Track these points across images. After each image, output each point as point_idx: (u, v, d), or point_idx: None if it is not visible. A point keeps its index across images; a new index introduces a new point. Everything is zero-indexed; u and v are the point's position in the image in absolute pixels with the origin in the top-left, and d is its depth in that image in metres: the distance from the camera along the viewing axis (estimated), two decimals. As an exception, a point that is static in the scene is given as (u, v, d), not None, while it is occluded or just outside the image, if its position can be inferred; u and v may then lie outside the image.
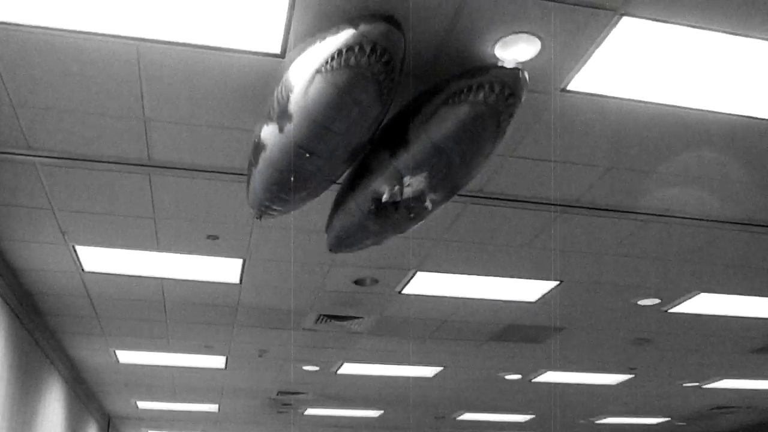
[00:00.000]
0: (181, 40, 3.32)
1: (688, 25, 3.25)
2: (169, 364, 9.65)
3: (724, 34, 3.31)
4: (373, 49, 2.80)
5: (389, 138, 3.41)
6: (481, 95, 3.11)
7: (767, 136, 4.21)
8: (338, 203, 3.83)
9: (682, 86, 3.72)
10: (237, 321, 7.68)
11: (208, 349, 8.89)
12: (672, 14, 3.18)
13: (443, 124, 3.18)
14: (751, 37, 3.33)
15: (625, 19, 3.21)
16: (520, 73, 3.13)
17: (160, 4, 3.08)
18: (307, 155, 3.20)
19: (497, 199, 4.91)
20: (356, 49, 2.80)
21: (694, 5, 3.12)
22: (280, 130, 3.17)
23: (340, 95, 2.91)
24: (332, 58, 2.84)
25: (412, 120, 3.29)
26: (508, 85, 3.11)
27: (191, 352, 9.03)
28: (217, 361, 9.48)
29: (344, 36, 2.80)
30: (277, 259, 5.91)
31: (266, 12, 3.13)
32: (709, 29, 3.28)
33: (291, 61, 3.11)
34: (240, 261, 5.94)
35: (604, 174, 4.62)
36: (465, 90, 3.13)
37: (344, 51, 2.81)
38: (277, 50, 3.38)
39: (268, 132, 3.28)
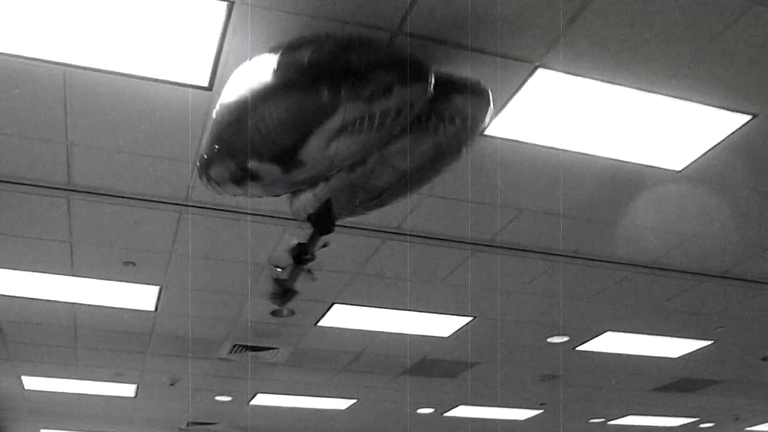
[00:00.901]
0: (108, 68, 3.34)
1: (598, 80, 3.45)
2: (78, 392, 9.42)
3: (632, 89, 3.52)
4: None
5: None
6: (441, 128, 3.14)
7: (672, 184, 4.46)
8: None
9: (592, 135, 3.92)
10: (150, 349, 7.59)
11: (119, 377, 8.73)
12: (584, 69, 3.37)
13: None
14: (655, 93, 3.55)
15: (540, 71, 3.39)
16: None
17: (90, 31, 3.11)
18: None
19: (414, 236, 5.03)
20: None
21: (604, 61, 3.32)
22: None
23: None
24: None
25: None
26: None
27: (101, 380, 8.85)
28: (128, 390, 9.31)
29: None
30: (194, 288, 5.90)
31: (196, 44, 3.19)
32: (618, 84, 3.48)
33: None
34: (156, 288, 5.90)
35: (518, 215, 4.79)
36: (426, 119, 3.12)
37: None
38: (205, 83, 3.44)
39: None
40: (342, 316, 6.55)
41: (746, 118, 3.78)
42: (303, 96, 2.76)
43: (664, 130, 3.88)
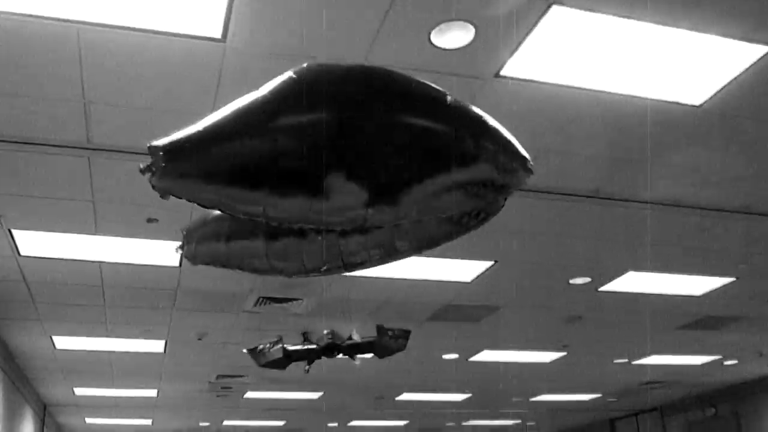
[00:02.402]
0: (121, 24, 3.34)
1: (614, 15, 3.41)
2: (107, 349, 9.58)
3: (648, 23, 3.48)
4: None
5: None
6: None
7: (691, 119, 4.41)
8: None
9: (609, 72, 3.89)
10: (176, 305, 7.69)
11: (147, 334, 8.87)
12: (599, 4, 3.33)
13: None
14: (672, 26, 3.51)
15: (554, 8, 3.35)
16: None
17: (101, -12, 3.11)
18: None
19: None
20: None
21: (619, -5, 3.28)
22: None
23: None
24: None
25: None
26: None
27: (130, 337, 8.99)
28: (156, 346, 9.45)
29: None
30: (217, 242, 5.94)
31: (207, -3, 3.19)
32: (634, 18, 3.44)
33: None
34: (179, 244, 5.95)
35: (536, 157, 4.77)
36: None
37: None
38: (218, 35, 3.44)
39: None
40: (365, 265, 6.58)
41: (765, 49, 3.73)
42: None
43: (682, 64, 3.84)
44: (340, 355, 4.14)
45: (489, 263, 6.69)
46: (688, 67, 3.87)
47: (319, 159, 2.45)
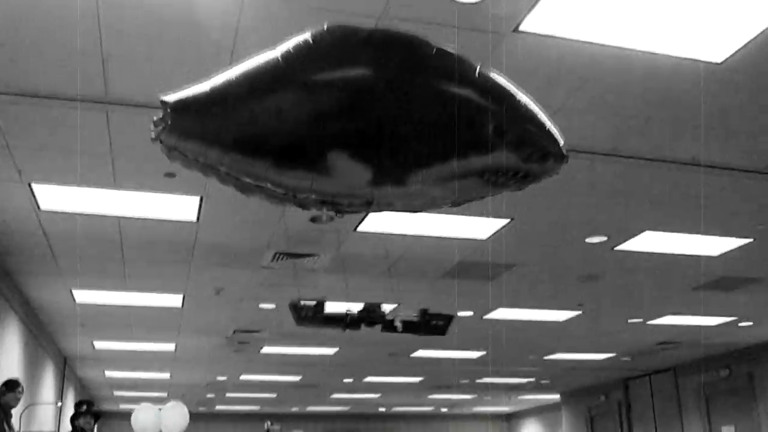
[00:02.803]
0: (139, -24, 3.34)
1: (635, -32, 3.37)
2: (126, 304, 9.70)
3: (669, -22, 3.44)
4: None
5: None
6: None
7: (712, 77, 4.37)
8: None
9: (629, 29, 3.85)
10: (194, 259, 7.76)
11: (165, 288, 8.97)
12: (620, -43, 3.29)
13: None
14: (694, -20, 3.46)
15: (574, -38, 3.31)
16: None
17: (118, -60, 3.10)
18: None
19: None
20: None
21: (640, -51, 3.23)
22: None
23: None
24: None
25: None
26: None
27: (148, 291, 9.10)
28: (174, 300, 9.56)
29: None
30: (234, 197, 5.95)
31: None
32: (655, -28, 3.40)
33: None
34: (197, 198, 6.00)
35: (555, 113, 4.74)
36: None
37: None
38: (236, -12, 3.42)
39: None
40: (381, 221, 6.62)
41: (789, 4, 3.68)
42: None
43: (702, 21, 3.79)
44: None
45: (505, 221, 6.70)
46: (710, 24, 3.83)
47: (324, 134, 2.38)
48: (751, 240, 7.48)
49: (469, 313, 10.61)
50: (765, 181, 5.97)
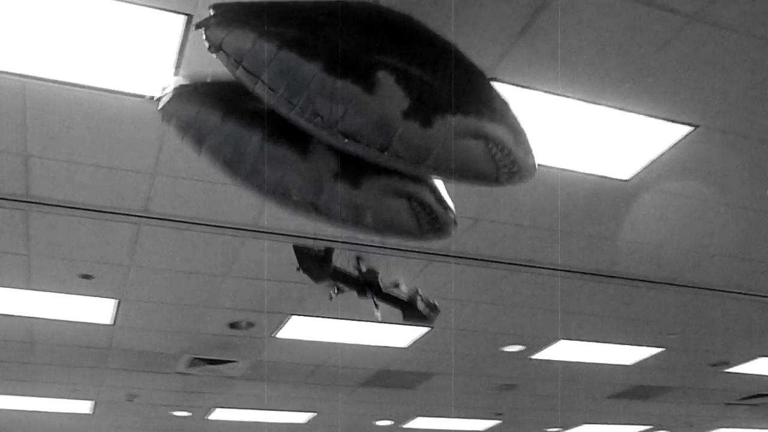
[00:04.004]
0: (68, 80, 3.38)
1: (547, 92, 3.57)
2: (34, 409, 9.30)
3: (579, 101, 3.65)
4: None
5: None
6: None
7: (621, 193, 4.60)
8: None
9: (544, 146, 4.04)
10: (107, 364, 7.55)
11: (76, 393, 8.65)
12: (533, 81, 3.49)
13: None
14: (601, 104, 3.69)
15: (492, 84, 3.49)
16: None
17: (50, 43, 3.15)
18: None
19: (369, 246, 5.11)
20: None
21: (552, 73, 3.44)
22: None
23: None
24: None
25: None
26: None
27: (58, 396, 8.76)
28: (84, 406, 9.23)
29: None
30: (152, 300, 5.91)
31: (155, 56, 3.25)
32: (566, 96, 3.61)
33: None
34: (114, 301, 5.90)
35: (473, 224, 4.90)
36: None
37: None
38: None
39: None
40: (300, 328, 6.60)
41: (688, 129, 3.94)
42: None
43: (611, 140, 4.02)
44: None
45: (424, 329, 6.75)
46: (617, 143, 4.06)
47: (375, 50, 2.48)
48: (663, 349, 7.70)
49: (389, 422, 10.50)
50: (674, 292, 6.21)
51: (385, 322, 6.51)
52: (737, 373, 8.86)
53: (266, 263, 5.29)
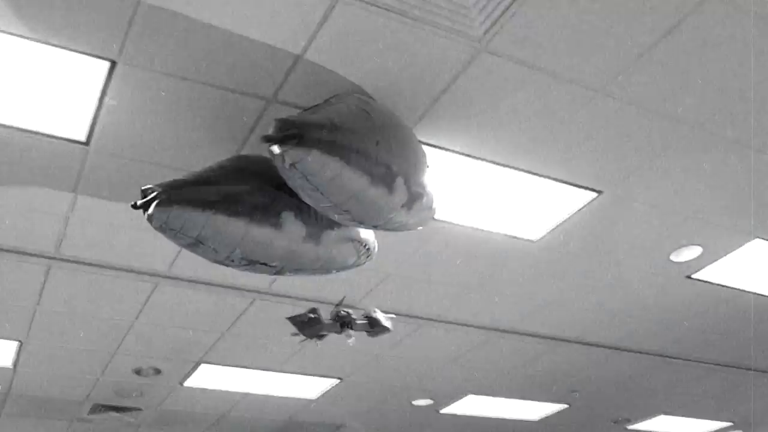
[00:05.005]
0: (-17, 119, 3.35)
1: (459, 153, 3.70)
2: None
3: (490, 164, 3.80)
4: None
5: None
6: None
7: (529, 253, 4.76)
8: None
9: (456, 205, 4.17)
10: (5, 410, 7.27)
11: (-32, 440, 8.29)
12: (447, 142, 3.62)
13: None
14: (511, 167, 3.84)
15: (407, 142, 3.61)
16: None
17: (-33, 83, 3.12)
18: None
19: (283, 296, 5.13)
20: None
21: (464, 136, 3.58)
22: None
23: None
24: None
25: None
26: None
27: (-53, 443, 8.37)
28: (-24, 454, 8.82)
29: None
30: (55, 344, 5.76)
31: (76, 100, 3.25)
32: (477, 158, 3.75)
33: None
34: (16, 344, 5.73)
35: (384, 279, 4.98)
36: None
37: None
38: (83, 138, 3.48)
39: None
40: (209, 376, 6.51)
41: (592, 195, 4.13)
42: None
43: (520, 202, 4.18)
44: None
45: (335, 381, 6.75)
46: (526, 205, 4.22)
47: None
48: (567, 406, 7.88)
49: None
50: (577, 350, 6.40)
51: (296, 373, 6.51)
52: (639, 431, 9.12)
53: (177, 310, 5.25)
